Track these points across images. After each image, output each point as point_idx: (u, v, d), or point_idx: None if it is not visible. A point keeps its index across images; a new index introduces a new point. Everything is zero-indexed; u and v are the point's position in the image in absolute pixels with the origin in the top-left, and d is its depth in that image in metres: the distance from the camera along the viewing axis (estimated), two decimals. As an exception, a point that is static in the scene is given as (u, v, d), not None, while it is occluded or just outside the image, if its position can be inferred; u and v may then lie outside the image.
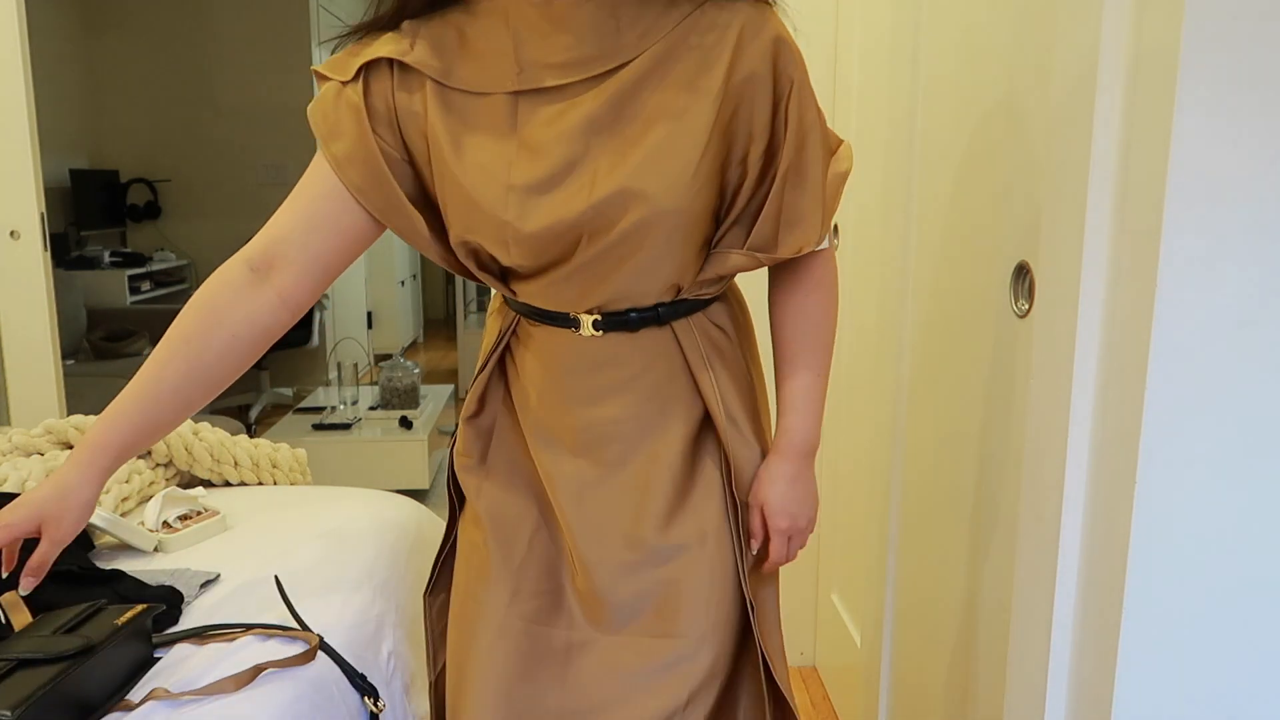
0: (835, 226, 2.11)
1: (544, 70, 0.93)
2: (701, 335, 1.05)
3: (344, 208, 0.99)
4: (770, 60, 0.92)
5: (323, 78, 1.00)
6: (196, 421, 1.78)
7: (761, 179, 0.96)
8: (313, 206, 0.99)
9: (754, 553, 1.08)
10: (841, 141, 1.01)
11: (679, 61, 0.92)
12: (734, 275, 1.05)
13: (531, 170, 0.94)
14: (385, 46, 0.96)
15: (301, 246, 0.99)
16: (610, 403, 1.03)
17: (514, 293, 1.03)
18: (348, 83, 0.97)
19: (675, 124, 0.92)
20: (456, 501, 1.15)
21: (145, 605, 1.07)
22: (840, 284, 2.08)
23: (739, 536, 1.06)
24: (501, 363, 1.10)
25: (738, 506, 1.06)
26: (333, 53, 1.01)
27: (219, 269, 1.01)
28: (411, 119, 0.97)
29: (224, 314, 0.99)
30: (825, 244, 1.02)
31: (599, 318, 1.00)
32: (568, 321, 1.01)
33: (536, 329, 1.05)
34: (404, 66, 0.96)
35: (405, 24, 0.97)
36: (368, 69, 0.97)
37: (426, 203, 1.01)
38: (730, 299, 1.11)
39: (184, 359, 0.98)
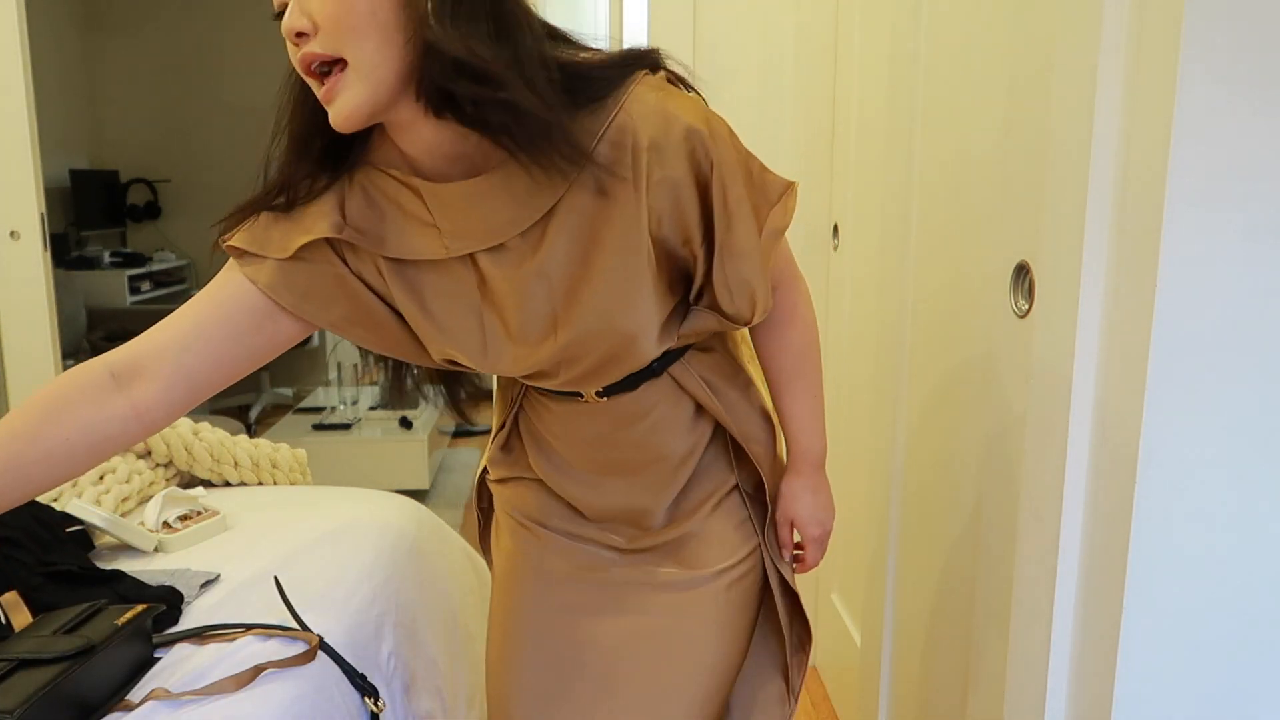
0: (835, 227, 2.11)
1: (472, 240, 0.90)
2: (696, 366, 1.07)
3: (261, 324, 0.94)
4: (684, 158, 0.87)
5: (245, 254, 0.93)
6: (197, 421, 1.78)
7: (710, 255, 0.94)
8: (214, 321, 0.93)
9: (787, 561, 1.16)
10: (786, 189, 0.96)
11: (600, 188, 0.88)
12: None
13: (500, 326, 0.95)
14: (318, 224, 0.91)
15: (177, 361, 0.91)
16: (627, 439, 1.07)
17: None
18: (287, 260, 0.92)
19: (616, 253, 0.89)
20: (482, 516, 1.24)
21: (145, 605, 1.07)
22: (840, 284, 2.08)
23: (759, 521, 1.13)
24: (516, 419, 1.15)
25: (765, 497, 1.13)
26: (227, 229, 0.94)
27: (75, 367, 0.92)
28: (371, 277, 0.95)
29: (64, 413, 0.89)
30: (786, 279, 1.04)
31: (599, 389, 1.03)
32: (572, 394, 1.04)
33: (545, 395, 1.08)
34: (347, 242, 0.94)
35: (326, 195, 0.93)
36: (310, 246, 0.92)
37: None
38: (721, 344, 1.15)
39: (4, 452, 0.87)
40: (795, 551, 1.17)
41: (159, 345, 0.92)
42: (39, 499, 1.39)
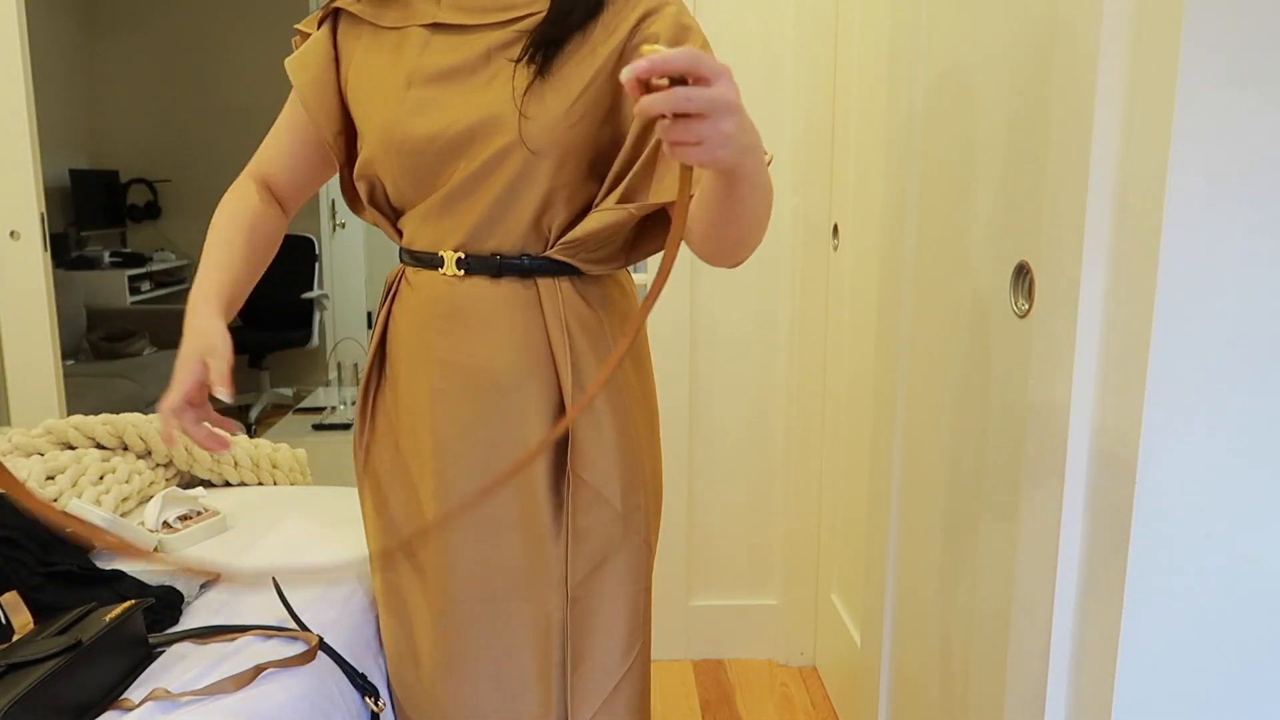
0: (835, 227, 2.11)
1: (460, 12, 1.04)
2: (565, 300, 1.07)
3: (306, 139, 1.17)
4: (671, 36, 0.99)
5: (301, 34, 1.20)
6: (196, 421, 1.77)
7: (638, 142, 1.01)
8: (292, 132, 1.19)
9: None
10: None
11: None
12: (609, 239, 1.06)
13: (430, 68, 1.04)
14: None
15: (287, 179, 1.20)
16: (470, 353, 1.07)
17: (400, 234, 1.12)
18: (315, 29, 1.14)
19: (563, 71, 1.00)
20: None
21: (134, 601, 1.06)
22: (840, 284, 2.09)
23: (566, 524, 1.09)
24: (381, 347, 1.17)
25: (566, 485, 1.08)
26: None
27: (237, 185, 1.19)
28: (346, 53, 1.12)
29: (258, 214, 1.16)
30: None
31: (462, 256, 1.06)
32: (434, 262, 1.08)
33: (414, 276, 1.11)
34: (349, 14, 1.12)
35: None
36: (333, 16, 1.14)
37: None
38: (611, 284, 1.13)
39: (243, 232, 1.14)
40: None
41: (271, 168, 1.20)
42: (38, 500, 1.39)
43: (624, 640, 1.13)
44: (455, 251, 1.06)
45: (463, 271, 1.06)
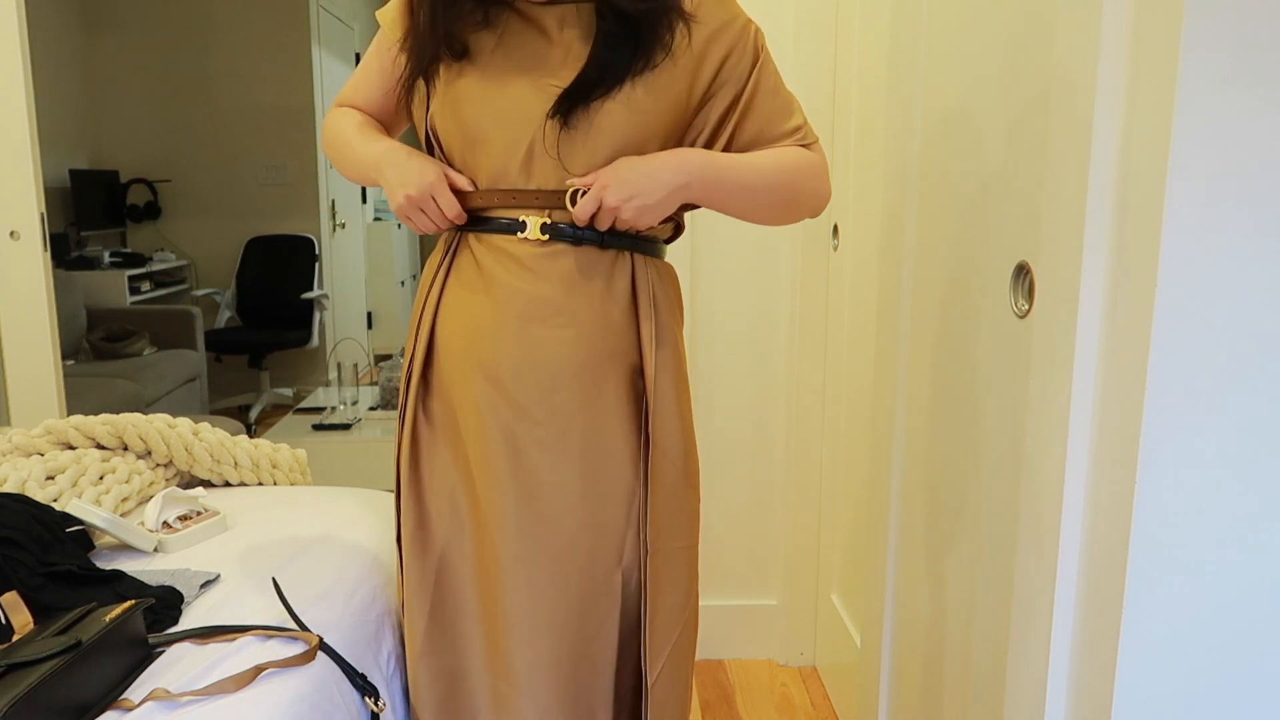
0: (835, 227, 2.11)
1: None
2: (649, 275, 1.15)
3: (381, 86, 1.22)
4: (734, 35, 1.17)
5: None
6: (197, 422, 1.78)
7: (721, 122, 1.15)
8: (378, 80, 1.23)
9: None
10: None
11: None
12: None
13: (518, 47, 1.09)
14: None
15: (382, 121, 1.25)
16: (549, 323, 1.11)
17: (474, 185, 1.12)
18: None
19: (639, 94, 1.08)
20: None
21: (134, 601, 1.06)
22: (840, 284, 2.08)
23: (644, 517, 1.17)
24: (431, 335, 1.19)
25: (644, 450, 1.16)
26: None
27: (341, 112, 1.24)
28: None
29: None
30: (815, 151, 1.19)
31: (547, 221, 1.09)
32: (515, 226, 1.10)
33: (480, 242, 1.13)
34: None
35: None
36: None
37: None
38: (666, 274, 1.21)
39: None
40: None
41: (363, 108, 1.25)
42: (39, 500, 1.40)
43: (683, 593, 1.22)
44: (541, 216, 1.09)
45: (546, 236, 1.10)
